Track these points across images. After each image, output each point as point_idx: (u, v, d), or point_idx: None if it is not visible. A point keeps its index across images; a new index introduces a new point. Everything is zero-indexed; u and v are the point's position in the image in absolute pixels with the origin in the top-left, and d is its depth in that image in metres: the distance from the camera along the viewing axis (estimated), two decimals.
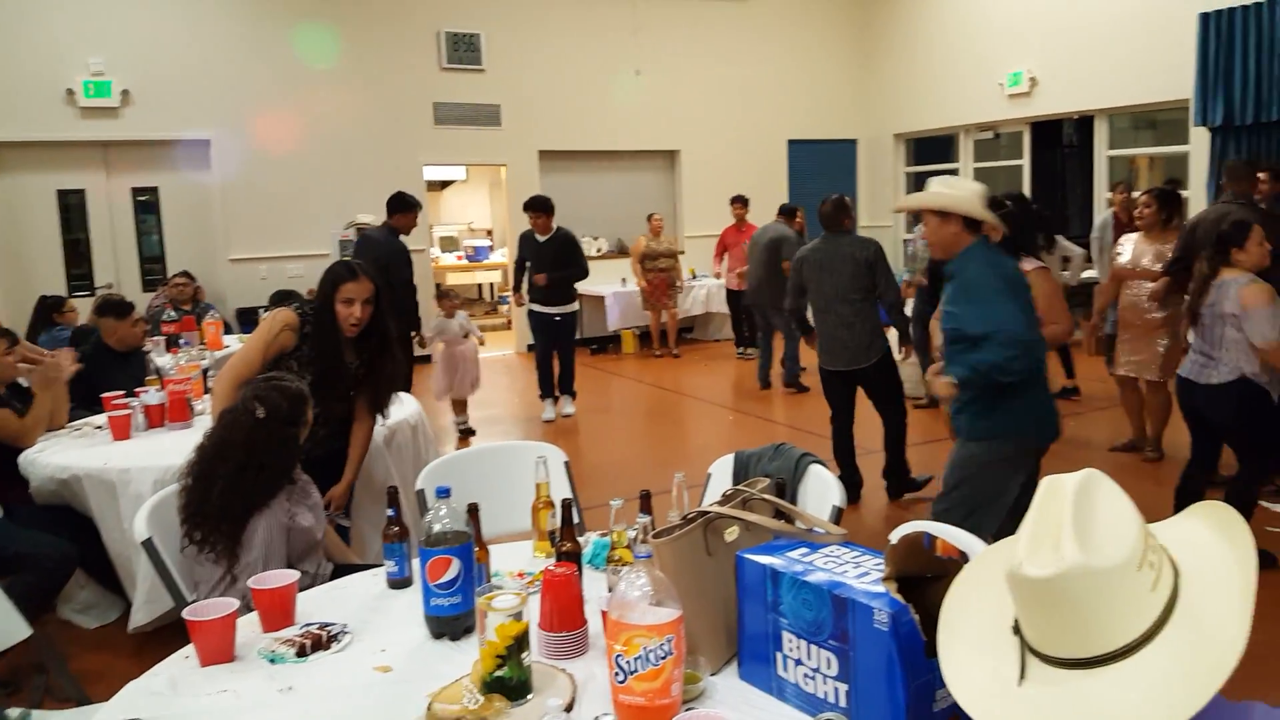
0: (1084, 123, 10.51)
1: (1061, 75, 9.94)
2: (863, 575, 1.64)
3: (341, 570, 2.62)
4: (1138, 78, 9.14)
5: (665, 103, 11.17)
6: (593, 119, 10.79)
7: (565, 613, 1.87)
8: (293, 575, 2.08)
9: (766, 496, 1.96)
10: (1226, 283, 3.73)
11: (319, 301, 3.16)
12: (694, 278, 10.70)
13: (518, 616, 1.67)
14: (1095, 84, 9.56)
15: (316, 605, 2.14)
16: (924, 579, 1.59)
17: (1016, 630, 1.05)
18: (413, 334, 6.70)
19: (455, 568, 1.95)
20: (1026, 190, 10.56)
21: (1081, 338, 6.14)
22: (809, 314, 5.33)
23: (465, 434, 7.11)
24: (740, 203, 9.66)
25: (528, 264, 7.32)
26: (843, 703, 1.56)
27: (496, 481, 2.93)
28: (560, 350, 7.42)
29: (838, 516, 2.55)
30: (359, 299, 3.09)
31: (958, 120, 11.30)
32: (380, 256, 6.11)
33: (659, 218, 9.90)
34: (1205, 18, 8.36)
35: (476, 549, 2.06)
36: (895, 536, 1.66)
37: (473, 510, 2.09)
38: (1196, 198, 8.43)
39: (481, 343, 7.16)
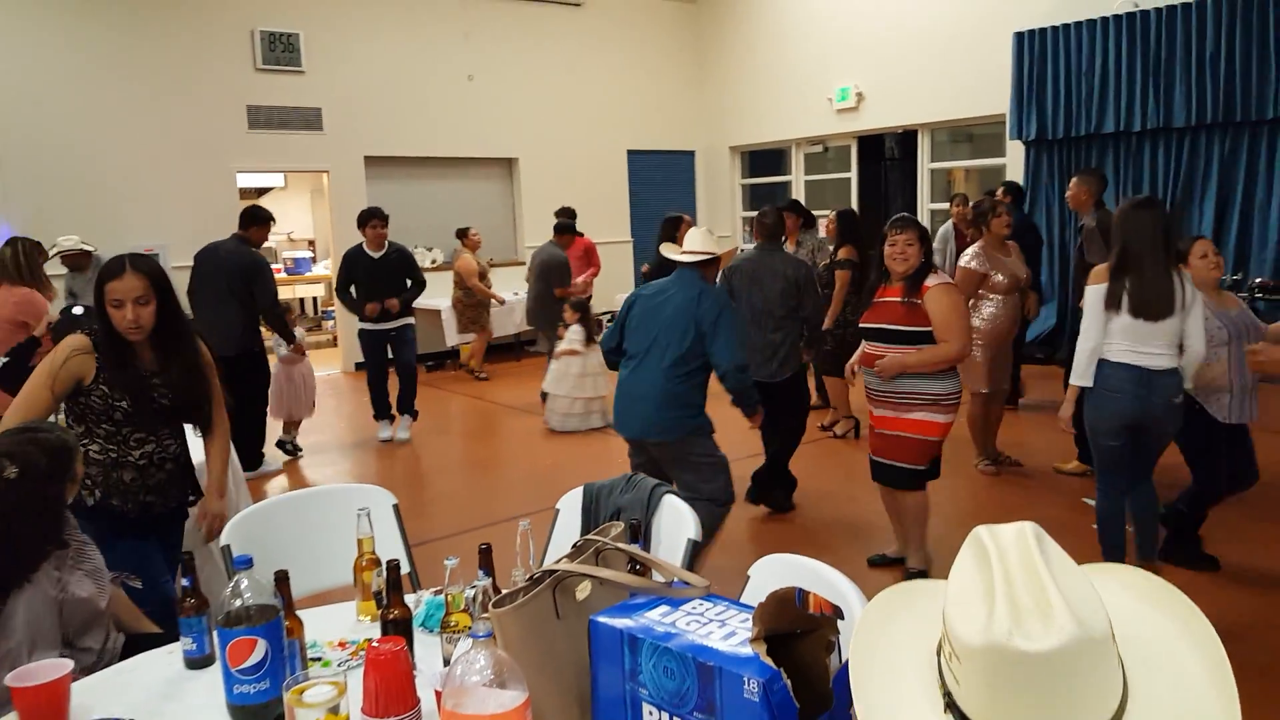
0: (906, 136, 10.99)
1: (887, 90, 10.34)
2: (729, 636, 1.48)
3: (138, 642, 2.26)
4: (958, 93, 9.62)
5: (501, 109, 10.90)
6: (423, 124, 10.39)
7: (393, 694, 1.62)
8: (64, 666, 1.74)
9: (621, 546, 1.77)
10: None
11: (97, 310, 2.74)
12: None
13: (335, 710, 1.42)
14: (918, 99, 10.00)
15: (97, 696, 1.82)
16: (793, 635, 1.46)
17: (950, 707, 0.90)
18: (290, 345, 6.51)
19: (261, 649, 1.68)
20: (854, 203, 10.97)
21: None
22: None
23: (291, 452, 6.74)
24: (565, 215, 9.35)
25: (351, 287, 6.91)
26: None
27: (315, 530, 2.63)
28: (399, 367, 7.09)
29: (693, 550, 2.41)
30: (128, 299, 2.65)
31: (789, 134, 11.59)
32: (242, 269, 5.92)
33: (476, 233, 9.42)
34: (1019, 36, 8.89)
35: (287, 622, 1.78)
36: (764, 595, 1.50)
37: (281, 579, 1.80)
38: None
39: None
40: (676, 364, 3.85)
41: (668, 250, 4.22)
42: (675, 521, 2.49)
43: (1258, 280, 7.61)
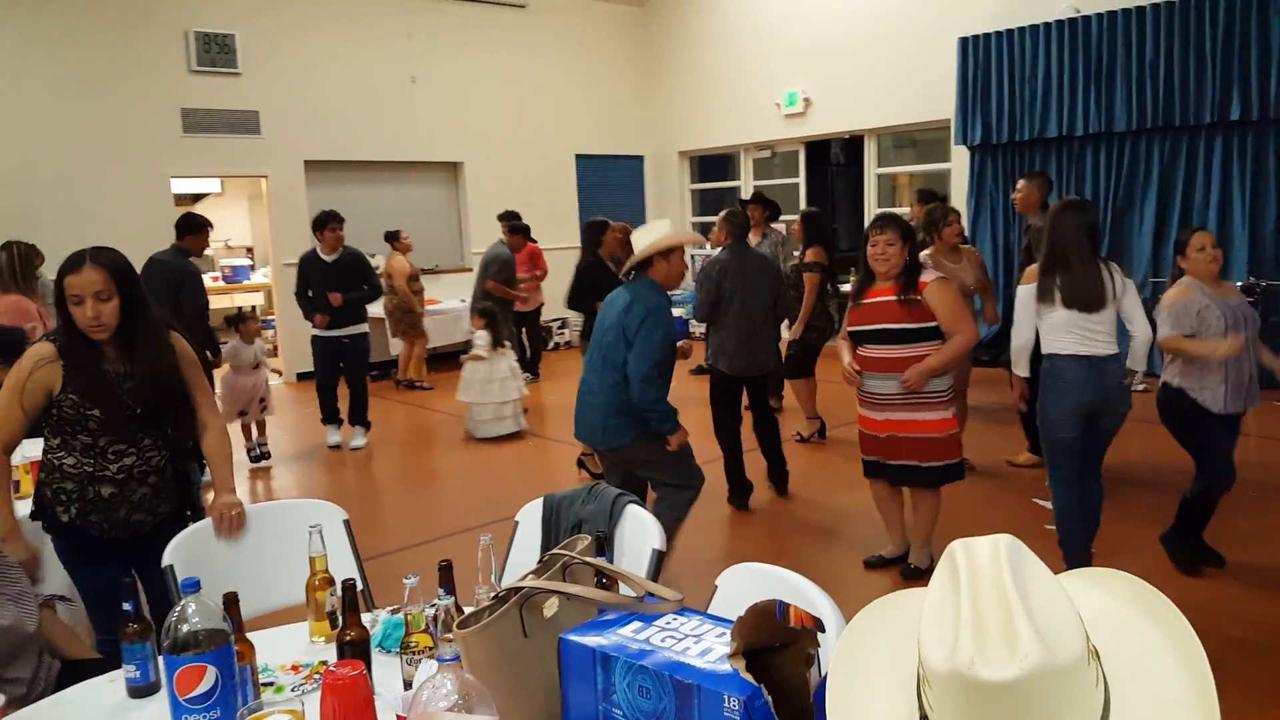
0: (851, 142, 11.09)
1: (834, 96, 10.43)
2: (705, 652, 1.43)
3: (77, 669, 2.14)
4: (904, 99, 9.73)
5: (445, 112, 10.75)
6: (365, 127, 10.19)
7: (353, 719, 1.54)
8: None
9: (589, 560, 1.71)
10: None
11: (57, 308, 2.56)
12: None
13: None
14: (865, 105, 10.10)
15: None
16: (771, 650, 1.41)
17: None
18: (210, 356, 6.22)
19: (211, 677, 1.58)
20: (801, 208, 11.03)
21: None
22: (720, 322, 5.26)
23: (259, 459, 6.66)
24: (508, 219, 9.20)
25: (309, 290, 6.79)
26: None
27: (264, 548, 2.52)
28: (350, 376, 6.99)
29: (658, 560, 2.36)
30: (87, 294, 2.46)
31: (738, 139, 11.63)
32: (171, 280, 5.74)
33: (407, 237, 9.14)
34: (964, 42, 9.02)
35: (238, 646, 1.68)
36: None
37: (231, 602, 1.71)
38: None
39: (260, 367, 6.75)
40: (614, 371, 3.81)
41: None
42: (639, 532, 2.43)
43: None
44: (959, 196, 9.29)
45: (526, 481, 6.05)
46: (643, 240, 3.91)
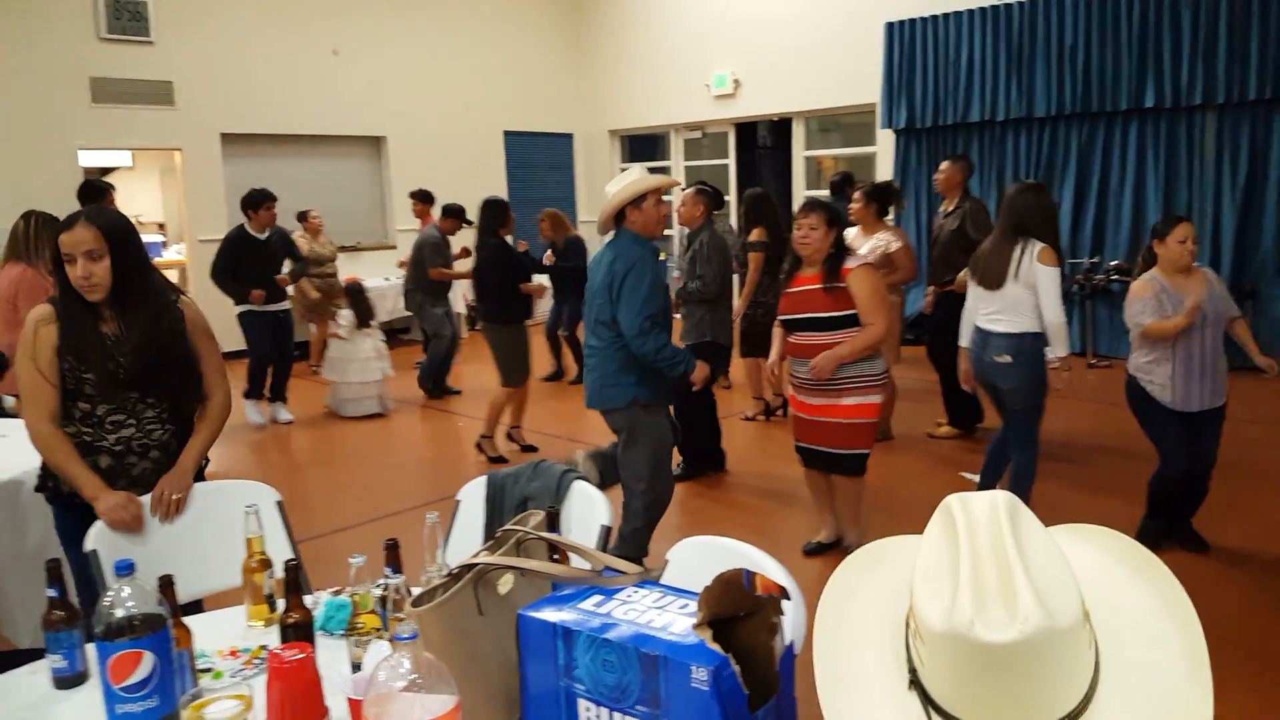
0: (780, 124, 11.16)
1: (763, 78, 10.47)
2: (669, 624, 1.41)
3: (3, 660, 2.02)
4: (831, 82, 9.82)
5: (369, 85, 10.45)
6: (285, 99, 9.85)
7: (300, 705, 1.49)
8: None
9: (545, 535, 1.67)
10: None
11: (54, 269, 2.45)
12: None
13: None
14: (793, 87, 10.16)
15: None
16: (736, 619, 1.39)
17: (914, 684, 0.86)
18: None
19: (148, 663, 1.51)
20: (732, 190, 11.06)
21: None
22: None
23: None
24: (422, 199, 8.84)
25: (238, 269, 6.66)
26: None
27: (194, 531, 2.41)
28: (283, 350, 7.03)
29: (605, 536, 2.33)
30: (78, 252, 2.35)
31: (668, 119, 11.60)
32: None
33: (316, 216, 8.75)
34: (890, 27, 9.14)
35: (174, 632, 1.60)
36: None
37: (166, 585, 1.62)
38: None
39: None
40: (608, 330, 3.68)
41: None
42: (587, 508, 2.41)
43: (1112, 263, 8.09)
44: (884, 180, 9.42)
45: (461, 462, 5.96)
46: (611, 194, 3.76)
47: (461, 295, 8.20)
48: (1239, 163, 7.63)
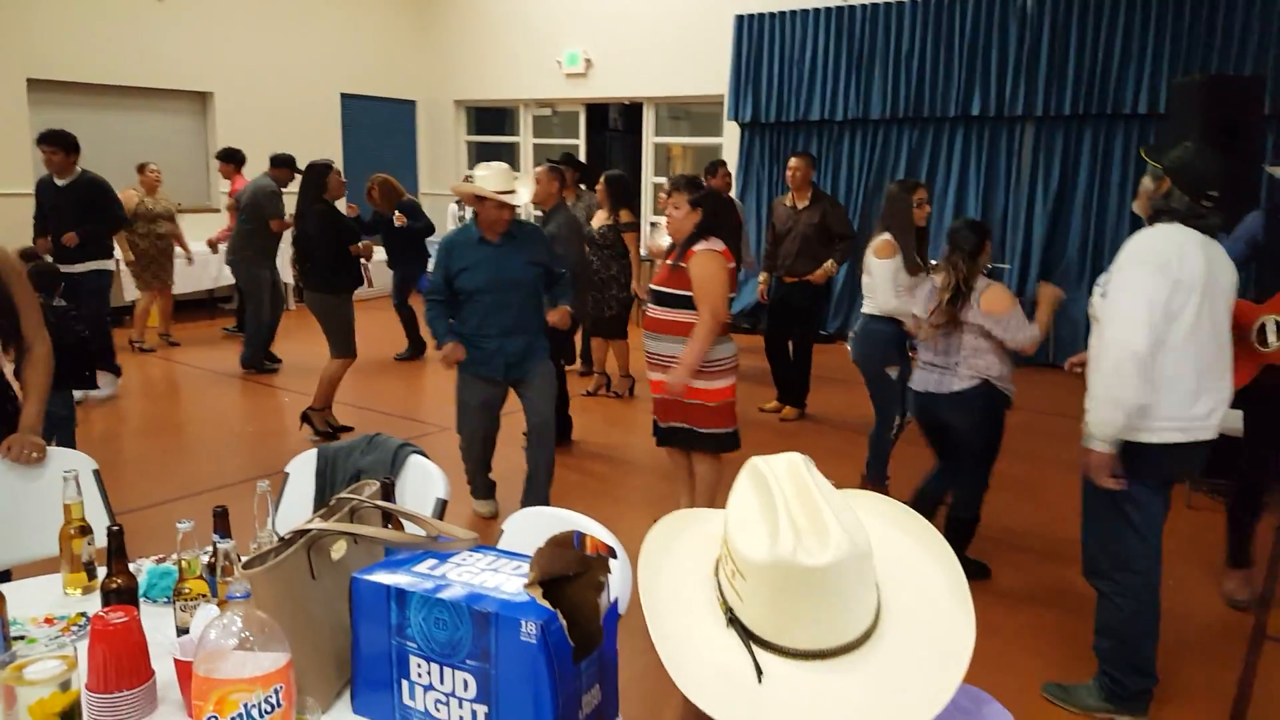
0: (630, 109, 11.25)
1: (615, 60, 10.48)
2: (501, 584, 1.49)
3: None
4: (682, 71, 9.95)
5: (195, 37, 9.79)
6: (102, 46, 9.11)
7: (125, 667, 1.48)
8: None
9: (379, 504, 1.71)
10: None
11: None
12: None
13: (65, 685, 1.27)
14: (645, 73, 10.23)
15: None
16: (565, 578, 1.49)
17: (733, 622, 0.98)
18: None
19: None
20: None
21: None
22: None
23: None
24: (229, 159, 8.43)
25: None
26: None
27: (4, 499, 2.29)
28: (88, 316, 6.23)
29: (441, 509, 2.38)
30: None
31: (518, 93, 11.46)
32: None
33: (154, 169, 8.19)
34: (740, 20, 9.34)
35: None
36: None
37: None
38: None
39: None
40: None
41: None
42: (423, 480, 2.43)
43: (932, 262, 8.63)
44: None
45: (287, 436, 5.78)
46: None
47: (290, 264, 7.74)
48: (1051, 173, 8.20)
